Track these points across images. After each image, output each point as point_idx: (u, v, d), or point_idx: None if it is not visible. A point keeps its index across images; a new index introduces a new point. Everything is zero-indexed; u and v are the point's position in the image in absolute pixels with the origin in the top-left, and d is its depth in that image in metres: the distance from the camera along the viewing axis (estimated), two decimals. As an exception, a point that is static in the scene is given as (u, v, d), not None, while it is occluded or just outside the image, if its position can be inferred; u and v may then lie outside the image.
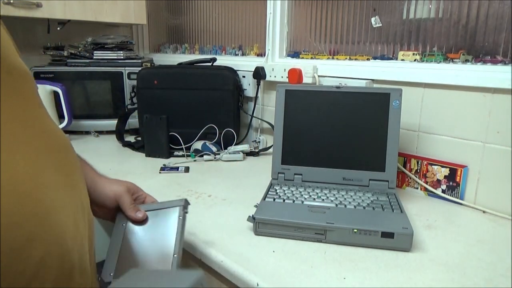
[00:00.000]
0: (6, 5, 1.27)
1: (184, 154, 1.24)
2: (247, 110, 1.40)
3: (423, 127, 0.96)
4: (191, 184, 1.00)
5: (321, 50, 1.26)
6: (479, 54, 0.91)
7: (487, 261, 0.66)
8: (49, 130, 0.52)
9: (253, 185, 0.99)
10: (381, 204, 0.78)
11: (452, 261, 0.65)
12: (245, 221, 0.74)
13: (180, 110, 1.28)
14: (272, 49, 1.34)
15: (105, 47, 1.54)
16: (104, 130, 1.52)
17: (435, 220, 0.81)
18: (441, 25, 0.97)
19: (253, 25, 1.47)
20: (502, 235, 0.76)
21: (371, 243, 0.68)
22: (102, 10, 1.49)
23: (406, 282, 0.59)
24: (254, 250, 0.67)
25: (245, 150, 1.25)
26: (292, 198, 0.81)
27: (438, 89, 0.92)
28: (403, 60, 1.02)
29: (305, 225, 0.70)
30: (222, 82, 1.27)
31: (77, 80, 1.48)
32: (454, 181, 0.91)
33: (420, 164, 0.96)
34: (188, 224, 0.77)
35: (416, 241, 0.71)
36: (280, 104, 0.93)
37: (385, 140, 0.87)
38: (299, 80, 1.16)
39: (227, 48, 1.60)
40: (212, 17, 1.64)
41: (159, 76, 1.29)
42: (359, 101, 0.89)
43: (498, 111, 0.83)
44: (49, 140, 0.50)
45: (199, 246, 0.70)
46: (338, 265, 0.63)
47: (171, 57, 1.82)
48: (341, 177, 0.89)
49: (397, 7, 1.04)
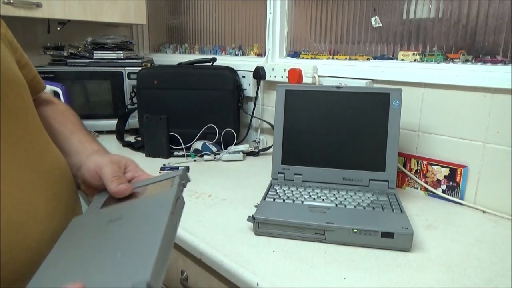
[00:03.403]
0: (6, 5, 1.27)
1: (184, 154, 1.24)
2: (247, 110, 1.40)
3: (423, 127, 0.96)
4: (191, 184, 0.99)
5: (321, 50, 1.26)
6: (479, 54, 0.91)
7: (487, 261, 0.66)
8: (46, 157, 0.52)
9: (253, 185, 0.99)
10: (381, 204, 0.78)
11: (452, 261, 0.65)
12: (245, 221, 0.74)
13: (180, 110, 1.28)
14: (272, 49, 1.34)
15: (105, 47, 1.54)
16: (104, 130, 1.52)
17: (435, 220, 0.81)
18: (441, 25, 0.97)
19: (253, 25, 1.47)
20: (502, 235, 0.76)
21: (371, 243, 0.68)
22: (102, 10, 1.49)
23: (406, 282, 0.59)
24: (254, 250, 0.67)
25: (245, 150, 1.25)
26: (292, 198, 0.81)
27: (438, 89, 0.92)
28: (403, 60, 1.02)
29: (305, 225, 0.70)
30: (222, 82, 1.27)
31: (77, 80, 1.48)
32: (454, 181, 0.91)
33: (420, 164, 0.96)
34: (188, 224, 0.77)
35: (416, 241, 0.71)
36: (280, 104, 0.93)
37: (385, 140, 0.87)
38: (299, 80, 1.16)
39: (227, 48, 1.60)
40: (212, 17, 1.64)
41: (159, 76, 1.29)
42: (359, 101, 0.89)
43: (498, 111, 0.83)
44: (45, 168, 0.50)
45: (199, 246, 0.70)
46: (338, 265, 0.63)
47: (171, 57, 1.82)
48: (341, 177, 0.89)
49: (397, 7, 1.04)
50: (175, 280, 0.84)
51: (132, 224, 0.43)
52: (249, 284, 0.60)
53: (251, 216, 0.73)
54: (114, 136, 1.42)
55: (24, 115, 0.50)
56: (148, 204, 0.47)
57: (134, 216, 0.45)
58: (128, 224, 0.44)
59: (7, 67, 0.49)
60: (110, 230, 0.43)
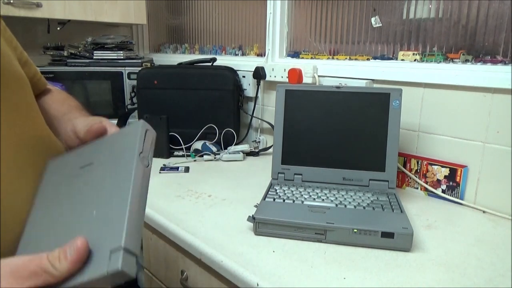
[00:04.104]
0: (6, 5, 1.27)
1: (184, 154, 1.24)
2: (247, 110, 1.40)
3: (423, 127, 0.96)
4: (191, 184, 1.00)
5: (321, 50, 1.26)
6: (479, 54, 0.91)
7: (487, 261, 0.66)
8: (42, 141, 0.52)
9: (253, 185, 0.99)
10: (381, 204, 0.78)
11: (452, 261, 0.65)
12: (245, 221, 0.74)
13: (180, 110, 1.28)
14: (272, 49, 1.34)
15: (105, 47, 1.54)
16: (104, 130, 1.52)
17: (435, 220, 0.81)
18: (441, 25, 0.97)
19: (253, 25, 1.47)
20: (502, 235, 0.76)
21: (371, 243, 0.68)
22: (102, 10, 1.49)
23: (406, 282, 0.59)
24: (254, 250, 0.67)
25: (245, 150, 1.25)
26: (292, 198, 0.81)
27: (438, 89, 0.92)
28: (403, 60, 1.02)
29: (305, 225, 0.70)
30: (222, 82, 1.27)
31: (77, 80, 1.48)
32: (454, 181, 0.91)
33: (420, 164, 0.96)
34: (188, 224, 0.77)
35: (416, 241, 0.71)
36: (280, 104, 0.93)
37: (385, 140, 0.87)
38: (299, 80, 1.16)
39: (227, 48, 1.60)
40: (212, 17, 1.64)
41: (159, 76, 1.29)
42: (359, 101, 0.89)
43: (498, 111, 0.83)
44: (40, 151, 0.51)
45: (199, 246, 0.70)
46: (338, 265, 0.63)
47: (171, 57, 1.82)
48: (341, 177, 0.89)
49: (397, 7, 1.04)
50: (175, 280, 0.84)
51: (102, 173, 0.45)
52: (249, 284, 0.60)
53: (251, 216, 0.73)
54: (114, 136, 1.42)
55: (27, 108, 0.51)
56: (114, 146, 0.48)
57: (102, 161, 0.46)
58: (98, 173, 0.45)
59: (9, 62, 0.49)
60: (83, 180, 0.46)
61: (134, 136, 0.46)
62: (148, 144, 0.46)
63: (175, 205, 0.86)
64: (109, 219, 0.39)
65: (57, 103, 0.65)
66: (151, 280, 0.94)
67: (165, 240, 0.83)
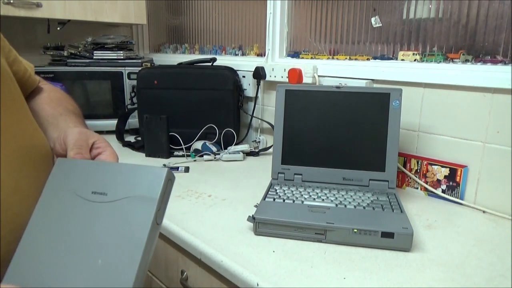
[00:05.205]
0: (6, 5, 1.27)
1: (184, 154, 1.24)
2: (247, 110, 1.40)
3: (423, 127, 0.96)
4: (191, 184, 1.00)
5: (321, 50, 1.26)
6: (479, 54, 0.91)
7: (487, 261, 0.66)
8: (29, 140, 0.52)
9: (253, 185, 0.99)
10: (381, 204, 0.78)
11: (452, 261, 0.65)
12: (245, 221, 0.74)
13: (180, 110, 1.28)
14: (272, 49, 1.34)
15: (105, 47, 1.54)
16: (104, 130, 1.52)
17: (435, 220, 0.81)
18: (441, 25, 0.97)
19: (253, 25, 1.47)
20: (502, 235, 0.76)
21: (371, 243, 0.68)
22: (102, 10, 1.49)
23: (406, 282, 0.59)
24: (254, 250, 0.67)
25: (245, 150, 1.25)
26: (292, 198, 0.81)
27: (438, 89, 0.92)
28: (403, 60, 1.02)
29: (305, 225, 0.70)
30: (222, 82, 1.27)
31: (77, 80, 1.48)
32: (454, 181, 0.91)
33: (420, 164, 0.96)
34: (188, 224, 0.77)
35: (416, 241, 0.71)
36: (280, 104, 0.93)
37: (385, 140, 0.87)
38: (299, 80, 1.16)
39: (227, 48, 1.60)
40: (212, 17, 1.64)
41: (159, 76, 1.29)
42: (359, 101, 0.89)
43: (498, 111, 0.83)
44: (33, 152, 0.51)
45: (199, 246, 0.70)
46: (338, 265, 0.63)
47: (171, 57, 1.82)
48: (341, 177, 0.89)
49: (397, 7, 1.04)
50: (175, 280, 0.84)
51: (113, 216, 0.42)
52: (249, 284, 0.60)
53: (251, 216, 0.73)
54: (114, 136, 1.42)
55: (12, 104, 0.50)
56: (134, 188, 0.44)
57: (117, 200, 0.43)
58: (109, 212, 0.42)
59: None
60: (93, 211, 0.42)
61: (155, 187, 0.43)
62: (166, 198, 0.44)
63: (175, 205, 0.86)
64: (113, 280, 0.37)
65: (50, 103, 0.64)
66: (151, 280, 0.94)
67: (165, 240, 0.83)
